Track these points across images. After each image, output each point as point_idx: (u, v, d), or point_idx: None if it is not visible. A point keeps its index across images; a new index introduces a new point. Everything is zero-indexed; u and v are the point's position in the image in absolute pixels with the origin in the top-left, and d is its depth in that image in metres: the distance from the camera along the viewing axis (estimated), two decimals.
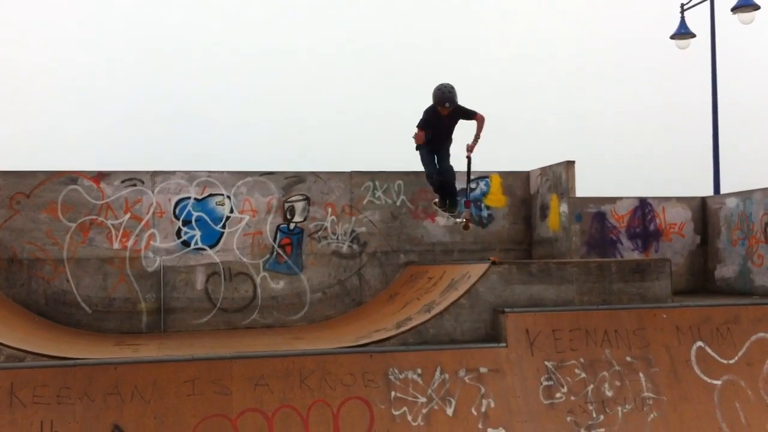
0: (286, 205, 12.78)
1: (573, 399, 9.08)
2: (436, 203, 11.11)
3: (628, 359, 9.45)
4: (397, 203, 13.15)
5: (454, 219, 11.14)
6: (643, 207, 14.08)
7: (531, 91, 29.28)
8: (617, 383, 9.27)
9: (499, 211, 13.75)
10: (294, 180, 12.86)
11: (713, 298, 12.16)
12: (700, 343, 9.73)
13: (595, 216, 13.84)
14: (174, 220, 12.34)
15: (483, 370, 9.01)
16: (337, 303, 12.72)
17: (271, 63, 28.73)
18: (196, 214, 12.42)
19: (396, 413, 8.58)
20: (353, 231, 12.97)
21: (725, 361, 9.71)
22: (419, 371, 8.85)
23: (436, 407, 8.71)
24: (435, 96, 10.09)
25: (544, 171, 13.25)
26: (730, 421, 9.29)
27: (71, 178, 12.04)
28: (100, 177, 12.16)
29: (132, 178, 12.29)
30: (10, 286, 11.64)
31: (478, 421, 8.72)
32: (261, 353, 8.94)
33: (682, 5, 19.84)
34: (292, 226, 12.76)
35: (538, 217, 13.50)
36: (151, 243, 12.22)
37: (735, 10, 19.01)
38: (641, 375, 9.37)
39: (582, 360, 9.33)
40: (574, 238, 12.58)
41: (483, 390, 8.88)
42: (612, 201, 14.03)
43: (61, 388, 8.01)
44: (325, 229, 12.86)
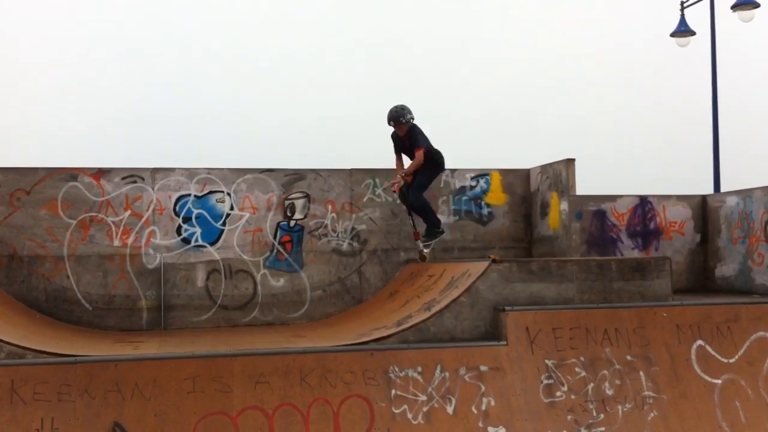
0: (287, 202, 12.77)
1: (573, 397, 9.08)
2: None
3: (629, 358, 9.45)
4: (398, 201, 13.12)
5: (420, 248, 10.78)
6: (644, 205, 14.07)
7: (531, 89, 29.30)
8: (617, 382, 9.27)
9: (499, 208, 13.73)
10: (294, 177, 12.85)
11: (713, 297, 12.17)
12: (700, 342, 9.74)
13: (595, 214, 13.83)
14: (174, 217, 12.33)
15: (483, 369, 9.01)
16: (338, 301, 12.71)
17: (272, 61, 28.73)
18: (196, 211, 12.41)
19: (396, 411, 8.58)
20: (353, 228, 12.96)
21: (725, 360, 9.71)
22: (419, 369, 8.85)
23: (436, 405, 8.71)
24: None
25: (545, 169, 13.24)
26: (730, 420, 9.29)
27: (71, 174, 12.03)
28: (101, 174, 12.15)
29: (132, 175, 12.27)
30: (10, 283, 11.62)
31: (479, 419, 8.73)
32: (261, 351, 8.94)
33: (682, 3, 19.81)
34: (293, 223, 12.76)
35: (538, 215, 13.50)
36: (152, 240, 12.20)
37: (735, 8, 19.00)
38: (641, 374, 9.38)
39: (582, 358, 9.33)
40: (574, 237, 12.58)
41: (483, 388, 8.88)
42: (612, 199, 14.02)
43: (62, 385, 8.02)
44: (326, 226, 12.85)
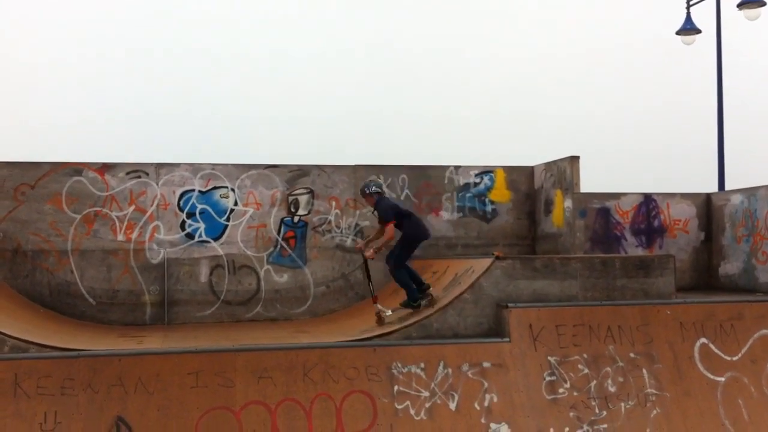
0: (290, 198, 12.78)
1: (576, 394, 9.08)
2: None
3: (632, 355, 9.44)
4: (402, 197, 13.13)
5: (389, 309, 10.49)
6: (648, 203, 14.05)
7: (535, 87, 29.22)
8: (620, 379, 9.26)
9: (503, 206, 13.73)
10: (298, 173, 12.85)
11: (717, 295, 12.15)
12: (703, 340, 9.73)
13: (599, 212, 13.81)
14: (178, 212, 12.34)
15: (486, 365, 9.01)
16: (341, 296, 12.72)
17: (277, 58, 28.72)
18: (200, 207, 12.43)
19: (399, 407, 8.59)
20: (357, 225, 12.97)
21: (729, 358, 9.70)
22: (422, 365, 8.86)
23: (439, 401, 8.72)
24: None
25: (549, 166, 13.23)
26: (733, 418, 9.29)
27: (76, 169, 12.05)
28: (105, 168, 12.16)
29: (137, 170, 12.29)
30: (15, 277, 11.66)
31: (481, 415, 8.73)
32: (264, 346, 8.96)
33: (688, 1, 19.75)
34: (296, 219, 12.76)
35: (542, 213, 13.49)
36: (156, 235, 12.23)
37: (741, 6, 18.93)
38: (644, 371, 9.37)
39: (585, 355, 9.33)
40: (578, 234, 12.58)
41: (486, 385, 8.89)
42: (616, 197, 13.99)
43: (65, 379, 8.04)
44: (329, 222, 12.86)
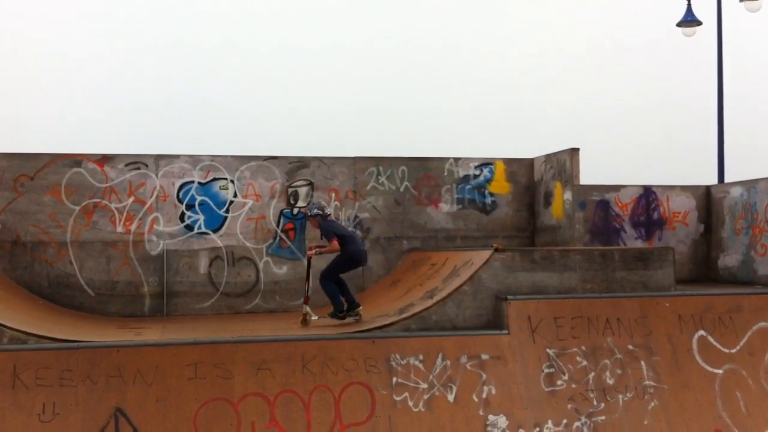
0: (290, 190, 12.76)
1: (574, 386, 9.09)
2: None
3: (630, 347, 9.46)
4: (401, 189, 13.12)
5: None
6: (648, 195, 14.05)
7: (535, 80, 29.18)
8: (618, 371, 9.28)
9: (502, 197, 13.72)
10: (298, 165, 12.84)
11: (716, 287, 12.16)
12: (702, 332, 9.74)
13: (598, 204, 13.81)
14: (177, 203, 12.33)
15: (485, 357, 9.03)
16: None
17: (277, 49, 28.66)
18: (199, 198, 12.42)
19: (397, 399, 8.61)
20: (357, 217, 12.96)
21: (727, 350, 9.71)
22: (421, 357, 8.88)
23: (437, 393, 8.74)
24: None
25: (549, 158, 13.21)
26: (730, 410, 9.31)
27: (75, 160, 12.04)
28: (104, 160, 12.15)
29: (136, 162, 12.28)
30: (14, 268, 11.66)
31: (479, 407, 8.75)
32: (263, 338, 8.98)
33: None
34: (296, 211, 12.76)
35: (541, 205, 13.48)
36: (155, 227, 12.22)
37: None
38: (643, 363, 9.38)
39: (584, 348, 9.34)
40: (577, 226, 12.57)
41: (484, 377, 8.90)
42: (616, 189, 13.99)
43: (64, 370, 8.06)
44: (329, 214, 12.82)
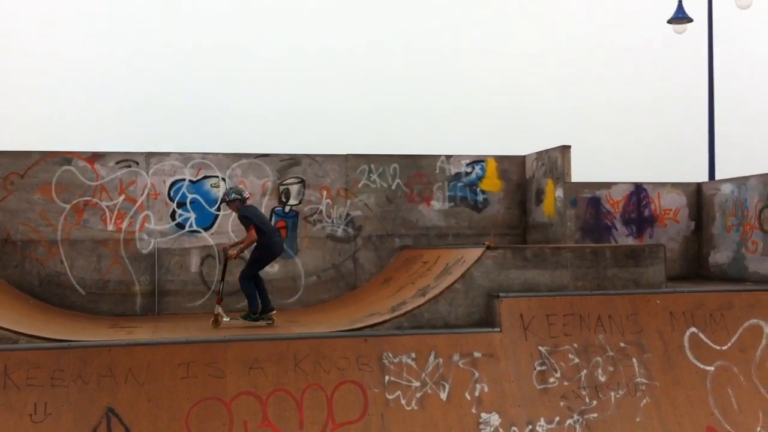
0: (281, 187, 12.74)
1: (566, 384, 9.11)
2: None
3: (622, 345, 9.48)
4: (393, 187, 13.12)
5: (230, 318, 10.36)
6: (639, 192, 14.07)
7: (526, 78, 29.20)
8: (610, 368, 9.30)
9: (494, 195, 13.73)
10: (289, 162, 12.82)
11: (707, 284, 12.20)
12: (693, 329, 9.77)
13: (590, 201, 13.82)
14: (168, 202, 12.29)
15: (477, 355, 9.03)
16: (332, 287, 12.71)
17: (269, 48, 28.61)
18: (190, 196, 12.38)
19: (390, 397, 8.60)
20: (348, 214, 12.95)
21: (718, 347, 9.74)
22: (413, 355, 8.87)
23: (429, 391, 8.74)
24: None
25: (540, 156, 13.22)
26: (722, 407, 9.34)
27: (65, 158, 11.98)
28: (95, 158, 12.10)
29: (127, 160, 12.23)
30: (4, 267, 11.60)
31: (472, 405, 8.75)
32: (255, 336, 8.97)
33: None
34: (287, 209, 12.73)
35: (533, 202, 13.50)
36: (146, 225, 12.18)
37: None
38: (634, 360, 9.41)
39: (576, 345, 9.36)
40: (568, 224, 12.59)
41: (477, 374, 8.91)
42: (607, 186, 14.00)
43: (55, 370, 8.02)
44: (320, 212, 12.83)
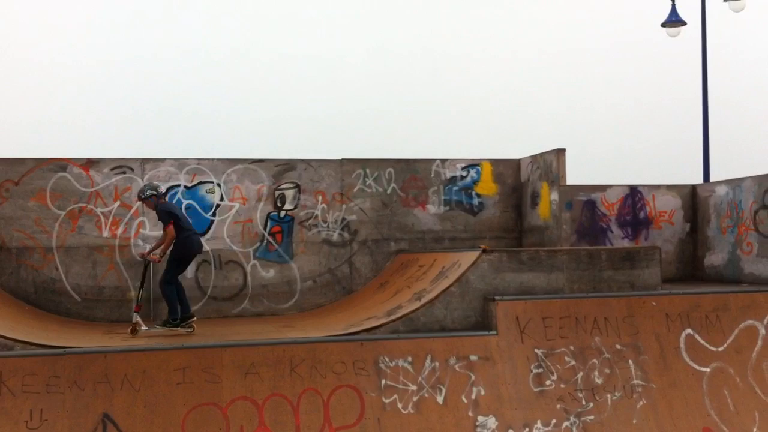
0: (277, 192, 12.74)
1: (563, 386, 9.11)
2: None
3: (618, 347, 9.48)
4: (388, 191, 13.13)
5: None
6: (634, 195, 14.09)
7: (522, 81, 29.32)
8: (607, 371, 9.30)
9: (489, 198, 13.74)
10: (284, 167, 12.81)
11: (702, 286, 12.21)
12: (689, 331, 9.78)
13: (585, 204, 13.84)
14: None
15: (473, 358, 9.03)
16: (328, 291, 12.71)
17: (264, 54, 28.71)
18: (185, 202, 12.36)
19: (386, 401, 8.60)
20: (344, 219, 12.95)
21: (714, 349, 9.76)
22: (410, 359, 8.87)
23: (426, 395, 8.73)
24: None
25: (535, 159, 13.24)
26: (718, 408, 9.35)
27: (60, 165, 11.97)
28: (90, 164, 12.09)
29: (122, 166, 12.22)
30: None
31: (469, 408, 8.75)
32: (251, 341, 8.93)
33: None
34: (283, 214, 12.73)
35: (528, 205, 13.51)
36: (141, 231, 12.16)
37: None
38: (631, 362, 9.41)
39: (572, 347, 9.36)
40: (564, 226, 12.60)
41: (473, 378, 8.90)
42: (602, 189, 14.02)
43: (51, 376, 8.00)
44: (316, 217, 12.83)
